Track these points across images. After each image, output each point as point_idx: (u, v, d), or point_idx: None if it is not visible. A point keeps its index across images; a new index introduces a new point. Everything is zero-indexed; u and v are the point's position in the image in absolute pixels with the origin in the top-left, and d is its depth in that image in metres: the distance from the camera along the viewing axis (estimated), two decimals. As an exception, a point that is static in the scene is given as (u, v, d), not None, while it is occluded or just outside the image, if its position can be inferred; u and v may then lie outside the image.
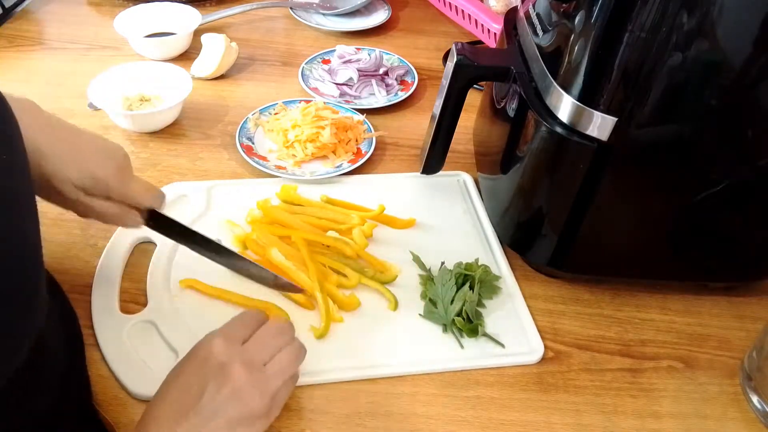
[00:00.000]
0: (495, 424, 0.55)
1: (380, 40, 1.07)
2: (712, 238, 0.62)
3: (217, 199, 0.73)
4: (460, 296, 0.62)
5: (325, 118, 0.81)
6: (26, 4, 1.09)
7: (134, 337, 0.58)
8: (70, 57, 0.97)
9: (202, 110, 0.88)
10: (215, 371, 0.48)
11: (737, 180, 0.56)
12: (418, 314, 0.63)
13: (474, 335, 0.61)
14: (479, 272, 0.64)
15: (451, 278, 0.63)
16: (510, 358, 0.60)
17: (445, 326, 0.62)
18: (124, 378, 0.55)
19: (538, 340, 0.61)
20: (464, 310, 0.61)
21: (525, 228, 0.66)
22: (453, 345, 0.61)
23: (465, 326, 0.61)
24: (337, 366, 0.58)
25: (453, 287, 0.62)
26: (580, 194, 0.58)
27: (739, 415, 0.58)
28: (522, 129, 0.60)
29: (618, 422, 0.56)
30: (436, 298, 0.63)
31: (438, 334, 0.62)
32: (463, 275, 0.64)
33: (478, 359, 0.60)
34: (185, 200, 0.73)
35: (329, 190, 0.75)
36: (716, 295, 0.68)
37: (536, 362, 0.60)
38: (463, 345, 0.61)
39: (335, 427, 0.54)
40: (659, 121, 0.53)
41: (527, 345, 0.61)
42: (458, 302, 0.61)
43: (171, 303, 0.62)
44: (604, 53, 0.50)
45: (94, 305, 0.61)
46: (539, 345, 0.61)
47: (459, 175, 0.79)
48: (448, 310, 0.61)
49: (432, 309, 0.62)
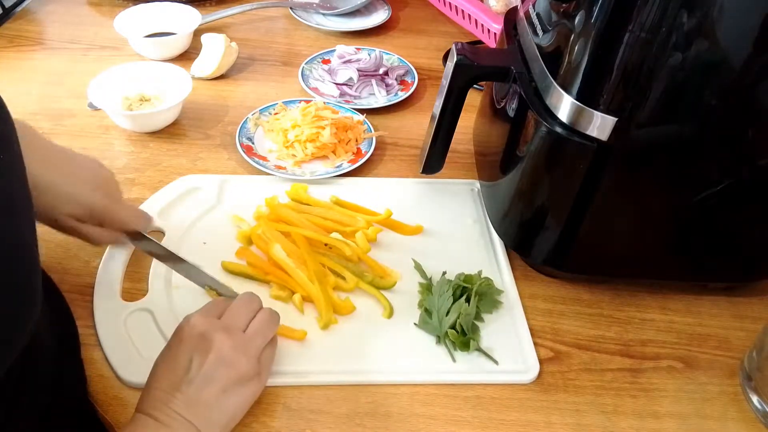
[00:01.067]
0: (495, 424, 0.55)
1: (380, 40, 1.07)
2: (712, 238, 0.62)
3: (228, 194, 0.74)
4: (455, 308, 0.60)
5: (325, 118, 0.80)
6: (26, 4, 1.09)
7: (131, 324, 0.59)
8: (70, 57, 0.97)
9: (202, 110, 0.88)
10: (198, 342, 0.51)
11: (737, 180, 0.56)
12: (413, 323, 0.62)
13: (466, 349, 0.59)
14: (479, 285, 0.63)
15: (448, 289, 0.62)
16: (502, 376, 0.59)
17: (438, 338, 0.61)
18: (117, 364, 0.56)
19: (535, 360, 0.60)
20: (458, 322, 0.60)
21: (525, 228, 0.66)
22: (445, 357, 0.60)
23: (458, 339, 0.59)
24: (326, 369, 0.58)
25: (450, 298, 0.61)
26: (580, 194, 0.58)
27: (739, 415, 0.58)
28: (522, 129, 0.60)
29: (618, 422, 0.56)
30: (431, 308, 0.62)
31: (431, 345, 0.61)
32: (461, 287, 0.63)
33: (470, 374, 0.58)
34: (197, 192, 0.74)
35: (336, 192, 0.75)
36: (716, 295, 0.68)
37: (529, 382, 0.58)
38: (456, 358, 0.59)
39: (335, 427, 0.54)
40: (659, 121, 0.53)
41: (522, 363, 0.60)
42: (453, 314, 0.60)
43: (170, 294, 0.62)
44: (604, 53, 0.50)
45: (96, 292, 0.62)
46: (535, 364, 0.59)
47: (473, 184, 0.78)
48: (443, 322, 0.60)
49: (427, 319, 0.61)
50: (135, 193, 0.73)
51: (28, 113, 0.84)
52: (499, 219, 0.70)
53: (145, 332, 0.59)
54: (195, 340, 0.51)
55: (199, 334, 0.51)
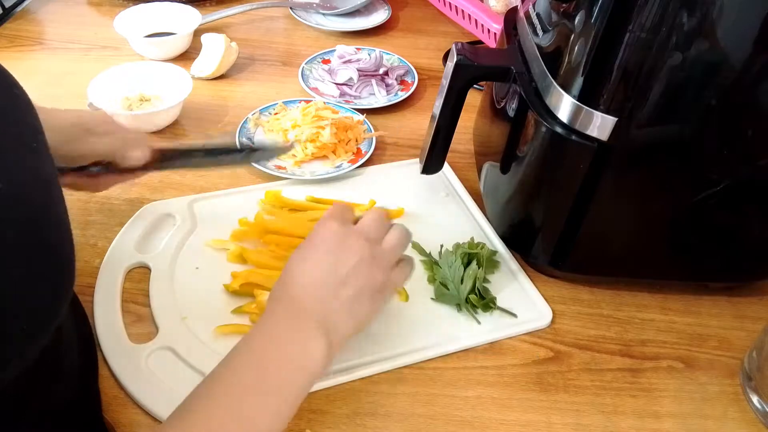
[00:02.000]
0: (495, 424, 0.55)
1: (380, 40, 1.07)
2: (712, 238, 0.62)
3: (200, 214, 0.71)
4: (470, 274, 0.63)
5: (325, 118, 0.81)
6: (26, 4, 1.09)
7: (154, 365, 0.56)
8: (70, 57, 0.97)
9: (202, 110, 0.88)
10: (338, 245, 0.51)
11: (737, 180, 0.56)
12: (430, 299, 0.64)
13: (489, 309, 0.63)
14: (481, 249, 0.66)
15: (456, 259, 0.65)
16: (524, 326, 0.63)
17: (458, 306, 0.63)
18: (151, 405, 0.53)
19: (545, 305, 0.64)
20: (476, 287, 0.63)
21: (525, 228, 0.66)
22: (470, 322, 0.62)
23: (479, 302, 0.63)
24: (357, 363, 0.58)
25: (461, 267, 0.64)
26: (580, 194, 0.58)
27: (739, 415, 0.58)
28: (522, 129, 0.60)
29: (618, 422, 0.56)
30: (445, 280, 0.64)
31: (453, 313, 0.63)
32: (467, 254, 0.65)
33: (496, 332, 0.62)
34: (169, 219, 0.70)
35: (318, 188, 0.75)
36: (716, 295, 0.68)
37: (548, 326, 0.63)
38: (480, 321, 0.62)
39: (335, 427, 0.54)
40: (659, 121, 0.53)
41: (536, 311, 0.64)
42: (469, 280, 0.63)
43: (182, 324, 0.60)
44: (604, 53, 0.50)
45: (101, 339, 0.58)
46: (547, 309, 0.64)
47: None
48: (461, 290, 0.63)
49: (444, 291, 0.64)
50: (134, 194, 0.73)
51: (28, 113, 0.84)
52: (499, 219, 0.70)
53: (171, 369, 0.56)
54: (335, 242, 0.51)
55: (340, 237, 0.51)
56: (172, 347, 0.58)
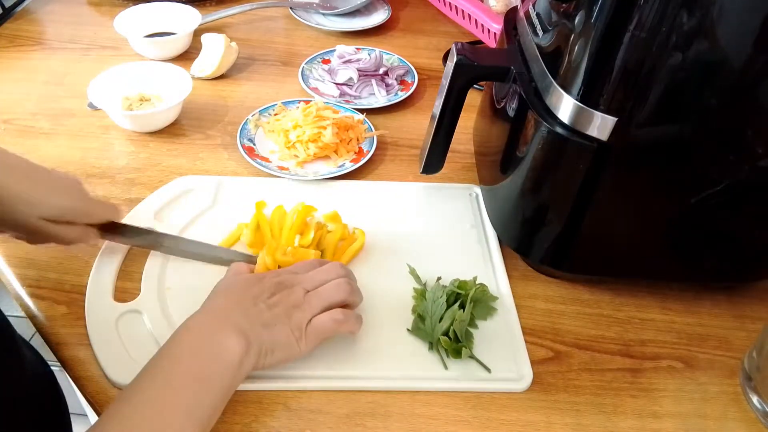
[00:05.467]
0: (495, 424, 0.55)
1: (380, 40, 1.07)
2: (712, 238, 0.62)
3: (223, 195, 0.74)
4: (449, 314, 0.59)
5: (326, 118, 0.81)
6: (26, 4, 1.09)
7: (123, 326, 0.59)
8: (70, 57, 0.97)
9: (202, 110, 0.88)
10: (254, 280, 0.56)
11: (737, 180, 0.56)
12: (407, 329, 0.61)
13: (458, 356, 0.58)
14: (474, 291, 0.61)
15: (442, 295, 0.61)
16: (495, 384, 0.58)
17: (431, 344, 0.60)
18: (106, 365, 0.56)
19: (528, 368, 0.59)
20: (452, 329, 0.58)
21: (525, 228, 0.66)
22: (437, 364, 0.59)
23: (450, 346, 0.58)
24: (318, 374, 0.57)
25: (443, 305, 0.60)
26: (580, 194, 0.58)
27: (739, 415, 0.58)
28: (522, 129, 0.60)
29: (618, 422, 0.56)
30: (425, 314, 0.60)
31: (424, 351, 0.60)
32: (455, 293, 0.61)
33: (462, 381, 0.57)
34: (192, 193, 0.73)
35: (337, 197, 0.74)
36: (716, 295, 0.68)
37: (522, 391, 0.58)
38: (448, 366, 0.58)
39: (335, 427, 0.54)
40: (659, 121, 0.53)
41: (516, 371, 0.59)
42: (446, 321, 0.59)
43: (162, 295, 0.61)
44: (604, 53, 0.50)
45: (89, 292, 0.61)
46: (529, 373, 0.58)
47: (471, 189, 0.78)
48: (435, 328, 0.59)
49: (420, 325, 0.60)
50: (135, 193, 0.73)
51: (28, 113, 0.85)
52: (498, 219, 0.70)
53: (135, 334, 0.58)
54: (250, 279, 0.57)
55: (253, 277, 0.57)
56: (142, 312, 0.60)
